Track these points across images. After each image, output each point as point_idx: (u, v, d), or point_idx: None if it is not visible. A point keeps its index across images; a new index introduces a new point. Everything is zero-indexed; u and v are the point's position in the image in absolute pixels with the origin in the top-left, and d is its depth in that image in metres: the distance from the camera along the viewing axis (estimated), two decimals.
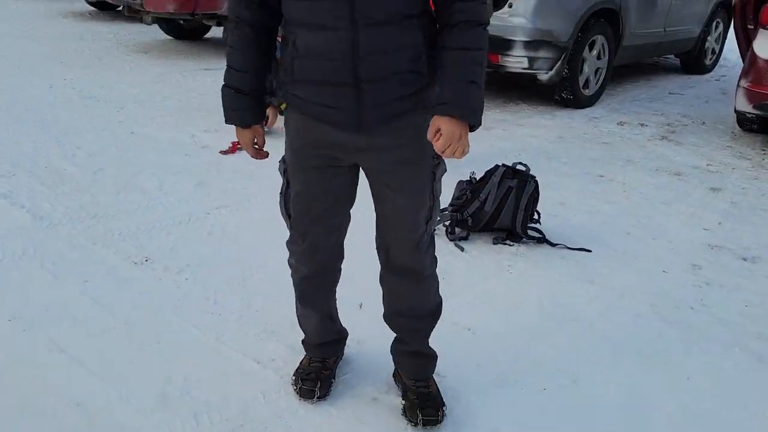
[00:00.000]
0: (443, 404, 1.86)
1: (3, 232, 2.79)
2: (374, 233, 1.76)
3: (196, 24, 7.73)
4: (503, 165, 3.08)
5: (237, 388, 1.93)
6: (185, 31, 7.95)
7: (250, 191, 3.38)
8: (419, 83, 1.55)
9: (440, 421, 1.81)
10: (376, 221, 1.74)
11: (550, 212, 3.26)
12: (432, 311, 1.86)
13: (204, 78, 5.89)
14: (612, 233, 3.17)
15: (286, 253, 1.82)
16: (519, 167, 3.06)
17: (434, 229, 1.78)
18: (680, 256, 2.98)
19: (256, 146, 1.70)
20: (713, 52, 7.53)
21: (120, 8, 7.23)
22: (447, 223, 3.00)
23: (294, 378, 1.94)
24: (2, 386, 1.89)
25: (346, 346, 2.06)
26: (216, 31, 8.07)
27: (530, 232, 3.00)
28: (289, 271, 1.85)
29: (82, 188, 3.31)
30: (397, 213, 1.67)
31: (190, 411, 1.83)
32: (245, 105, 1.63)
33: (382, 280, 1.83)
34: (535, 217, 3.05)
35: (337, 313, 1.99)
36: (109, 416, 1.80)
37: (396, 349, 1.93)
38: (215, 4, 6.50)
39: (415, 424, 1.80)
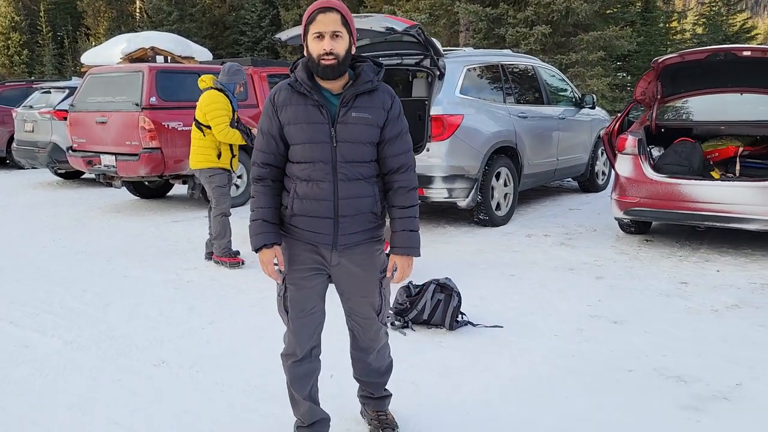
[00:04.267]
0: (396, 425, 2.68)
1: (42, 355, 3.53)
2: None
3: (161, 184, 8.79)
4: (433, 281, 4.00)
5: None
6: (150, 190, 8.98)
7: (232, 310, 4.23)
8: (375, 222, 2.42)
9: None
10: (345, 314, 2.55)
11: (471, 303, 4.21)
12: (387, 368, 2.70)
13: (176, 229, 6.83)
14: (519, 314, 4.12)
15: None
16: (446, 282, 4.00)
17: (387, 318, 2.63)
18: (568, 324, 3.94)
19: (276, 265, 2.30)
20: (603, 173, 9.01)
21: (95, 176, 8.24)
22: (390, 321, 3.88)
23: None
24: None
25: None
26: (178, 189, 9.13)
27: (456, 323, 3.91)
28: (279, 362, 2.55)
29: (97, 320, 4.09)
30: (357, 308, 2.51)
31: None
32: (269, 230, 2.28)
33: (352, 354, 2.64)
34: (459, 318, 3.95)
35: (319, 400, 2.58)
36: None
37: (363, 395, 2.74)
38: (180, 166, 7.55)
39: None
